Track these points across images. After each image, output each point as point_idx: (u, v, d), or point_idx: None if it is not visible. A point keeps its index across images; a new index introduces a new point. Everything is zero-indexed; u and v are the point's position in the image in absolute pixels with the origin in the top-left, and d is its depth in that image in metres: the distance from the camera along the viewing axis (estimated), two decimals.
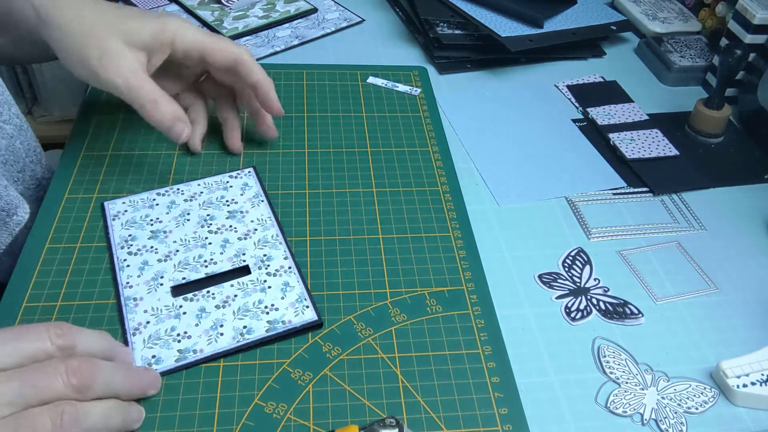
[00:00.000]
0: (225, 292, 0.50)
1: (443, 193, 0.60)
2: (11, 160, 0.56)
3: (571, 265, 0.56)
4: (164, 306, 0.49)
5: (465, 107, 0.72)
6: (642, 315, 0.52)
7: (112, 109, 0.65)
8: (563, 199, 0.62)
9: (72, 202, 0.55)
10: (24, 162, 0.58)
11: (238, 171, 0.60)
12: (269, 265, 0.52)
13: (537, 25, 0.78)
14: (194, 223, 0.55)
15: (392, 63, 0.76)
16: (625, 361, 0.49)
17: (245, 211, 0.56)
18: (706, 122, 0.69)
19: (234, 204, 0.57)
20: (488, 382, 0.46)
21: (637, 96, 0.74)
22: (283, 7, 0.84)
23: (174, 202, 0.56)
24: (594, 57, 0.81)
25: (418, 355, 0.47)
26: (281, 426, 0.43)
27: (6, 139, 0.55)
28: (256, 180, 0.59)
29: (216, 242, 0.53)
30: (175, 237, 0.54)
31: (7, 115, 0.55)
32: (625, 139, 0.68)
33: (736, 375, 0.47)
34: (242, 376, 0.45)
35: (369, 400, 0.44)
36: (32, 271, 0.50)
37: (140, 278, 0.50)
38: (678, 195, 0.63)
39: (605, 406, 0.46)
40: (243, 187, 0.58)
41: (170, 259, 0.52)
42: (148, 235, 0.54)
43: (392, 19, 0.85)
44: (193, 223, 0.55)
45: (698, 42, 0.81)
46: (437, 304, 0.51)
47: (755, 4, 0.70)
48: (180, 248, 0.53)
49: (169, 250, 0.53)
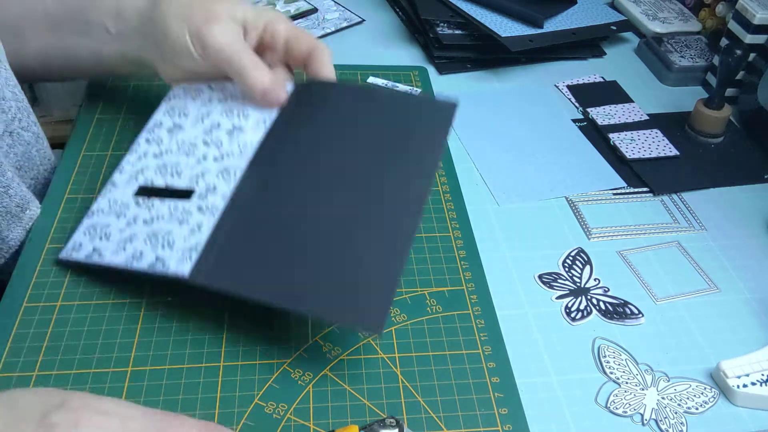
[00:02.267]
0: (159, 209, 0.49)
1: (443, 193, 0.60)
2: (26, 167, 0.56)
3: (571, 265, 0.56)
4: (121, 201, 0.50)
5: (465, 107, 0.71)
6: (642, 315, 0.52)
7: (112, 109, 0.65)
8: (563, 199, 0.62)
9: (72, 202, 0.55)
10: (38, 170, 0.58)
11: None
12: (207, 198, 0.49)
13: (537, 25, 0.78)
14: (203, 127, 0.54)
15: (392, 63, 0.76)
16: (625, 361, 0.49)
17: (243, 130, 0.53)
18: (706, 122, 0.69)
19: (243, 119, 0.54)
20: (488, 382, 0.46)
21: (637, 96, 0.74)
22: (284, 7, 0.84)
23: (211, 99, 0.56)
24: (594, 57, 0.81)
25: (418, 355, 0.47)
26: (281, 426, 0.43)
27: (23, 146, 0.55)
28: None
29: (197, 155, 0.52)
30: (181, 136, 0.54)
31: (26, 122, 0.55)
32: (625, 139, 0.68)
33: (736, 375, 0.47)
34: (242, 376, 0.45)
35: (369, 400, 0.44)
36: (32, 271, 0.50)
37: (132, 167, 0.52)
38: (678, 195, 0.63)
39: (605, 406, 0.46)
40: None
41: (161, 157, 0.52)
42: (169, 126, 0.54)
43: (392, 19, 0.85)
44: (203, 126, 0.54)
45: (698, 42, 0.81)
46: (437, 304, 0.51)
47: (755, 4, 0.70)
48: (173, 149, 0.53)
49: (167, 148, 0.53)
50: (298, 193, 0.49)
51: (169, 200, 0.49)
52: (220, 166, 0.51)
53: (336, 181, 0.49)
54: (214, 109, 0.55)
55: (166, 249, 0.46)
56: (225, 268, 0.45)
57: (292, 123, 0.53)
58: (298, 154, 0.51)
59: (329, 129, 0.53)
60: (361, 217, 0.47)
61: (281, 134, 0.53)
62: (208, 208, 0.48)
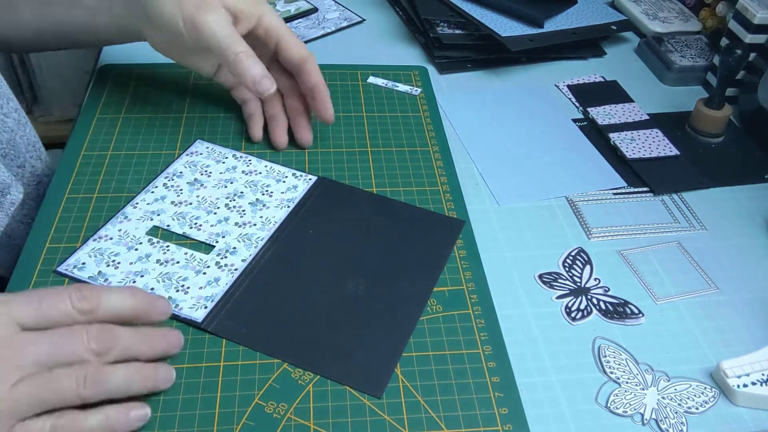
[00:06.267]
0: (174, 254, 0.51)
1: (443, 193, 0.60)
2: (12, 155, 0.56)
3: (572, 265, 0.56)
4: (134, 235, 0.52)
5: (465, 107, 0.71)
6: (642, 315, 0.52)
7: (112, 109, 0.65)
8: (563, 199, 0.62)
9: (72, 202, 0.55)
10: (24, 157, 0.58)
11: (304, 174, 0.60)
12: (227, 257, 0.52)
13: (537, 25, 0.78)
14: (227, 191, 0.57)
15: (392, 63, 0.76)
16: (626, 360, 0.49)
17: (267, 206, 0.56)
18: (707, 122, 0.69)
19: (268, 196, 0.57)
20: (488, 382, 0.46)
21: (637, 96, 0.74)
22: (284, 6, 0.84)
23: (235, 168, 0.59)
24: (594, 57, 0.81)
25: (418, 355, 0.47)
26: (282, 425, 0.43)
27: (7, 133, 0.56)
28: (306, 190, 0.58)
29: (219, 216, 0.55)
30: (203, 193, 0.56)
31: (7, 109, 0.56)
32: (625, 139, 0.68)
33: (737, 375, 0.47)
34: (242, 376, 0.45)
35: (369, 400, 0.44)
36: (33, 271, 0.50)
37: (148, 206, 0.54)
38: (678, 195, 0.63)
39: (605, 406, 0.46)
40: (291, 188, 0.58)
41: (180, 206, 0.55)
42: (190, 180, 0.57)
43: (392, 18, 0.85)
44: (226, 191, 0.57)
45: (698, 42, 0.81)
46: (437, 304, 0.51)
47: (755, 3, 0.70)
48: (194, 202, 0.55)
49: (186, 199, 0.55)
50: (315, 271, 0.52)
51: (185, 248, 0.52)
52: (241, 232, 0.54)
53: (351, 269, 0.52)
54: (237, 178, 0.58)
55: (180, 293, 0.49)
56: (239, 322, 0.48)
57: (314, 212, 0.56)
58: (317, 240, 0.54)
59: (348, 225, 0.56)
60: (372, 301, 0.50)
61: (303, 219, 0.55)
62: (227, 266, 0.51)
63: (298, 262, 0.52)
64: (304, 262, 0.52)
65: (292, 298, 0.50)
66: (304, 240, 0.54)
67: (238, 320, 0.48)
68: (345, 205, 0.57)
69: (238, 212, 0.55)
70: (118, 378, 0.41)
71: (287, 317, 0.48)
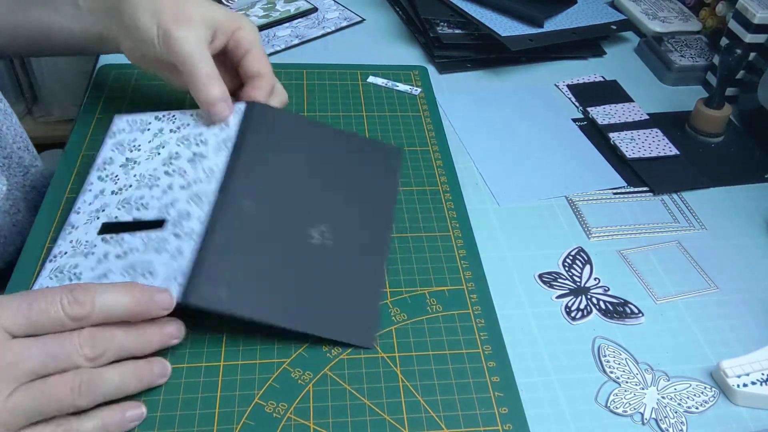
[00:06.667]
0: (131, 243, 0.49)
1: (443, 192, 0.60)
2: None
3: (571, 265, 0.56)
4: (86, 241, 0.49)
5: (465, 107, 0.72)
6: (642, 314, 0.52)
7: (112, 110, 0.65)
8: (563, 199, 0.62)
9: (72, 202, 0.55)
10: (11, 148, 0.58)
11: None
12: (182, 224, 0.49)
13: (537, 25, 0.78)
14: (161, 158, 0.53)
15: (392, 62, 0.76)
16: (626, 360, 0.49)
17: (205, 156, 0.53)
18: (707, 122, 0.69)
19: (203, 145, 0.54)
20: (488, 382, 0.46)
21: (637, 96, 0.74)
22: (284, 6, 0.84)
23: (162, 131, 0.55)
24: (594, 56, 0.81)
25: (418, 355, 0.47)
26: (281, 425, 0.43)
27: None
28: (240, 119, 0.55)
29: (162, 186, 0.52)
30: (138, 170, 0.53)
31: None
32: (625, 139, 0.68)
33: (737, 374, 0.47)
34: (242, 376, 0.45)
35: (369, 400, 0.45)
36: (33, 271, 0.50)
37: (90, 206, 0.51)
38: (678, 194, 0.63)
39: (605, 406, 0.46)
40: (222, 126, 0.55)
41: (120, 193, 0.52)
42: (122, 162, 0.54)
43: (392, 18, 0.85)
44: (161, 158, 0.54)
45: (698, 41, 0.81)
46: (437, 304, 0.51)
47: (755, 3, 0.70)
48: (134, 183, 0.52)
49: (125, 183, 0.52)
50: (276, 222, 0.50)
51: (139, 233, 0.49)
52: (189, 193, 0.51)
53: (311, 215, 0.50)
54: (168, 140, 0.55)
55: (148, 277, 0.46)
56: (216, 286, 0.46)
57: (255, 148, 0.53)
58: (269, 184, 0.52)
59: (294, 161, 0.53)
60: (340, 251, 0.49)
61: (246, 158, 0.52)
62: (186, 233, 0.48)
63: (256, 213, 0.50)
64: (261, 211, 0.50)
65: (260, 254, 0.48)
66: (255, 185, 0.51)
67: (214, 285, 0.46)
68: (284, 135, 0.54)
69: (179, 175, 0.52)
70: (114, 382, 0.41)
71: (260, 275, 0.47)
